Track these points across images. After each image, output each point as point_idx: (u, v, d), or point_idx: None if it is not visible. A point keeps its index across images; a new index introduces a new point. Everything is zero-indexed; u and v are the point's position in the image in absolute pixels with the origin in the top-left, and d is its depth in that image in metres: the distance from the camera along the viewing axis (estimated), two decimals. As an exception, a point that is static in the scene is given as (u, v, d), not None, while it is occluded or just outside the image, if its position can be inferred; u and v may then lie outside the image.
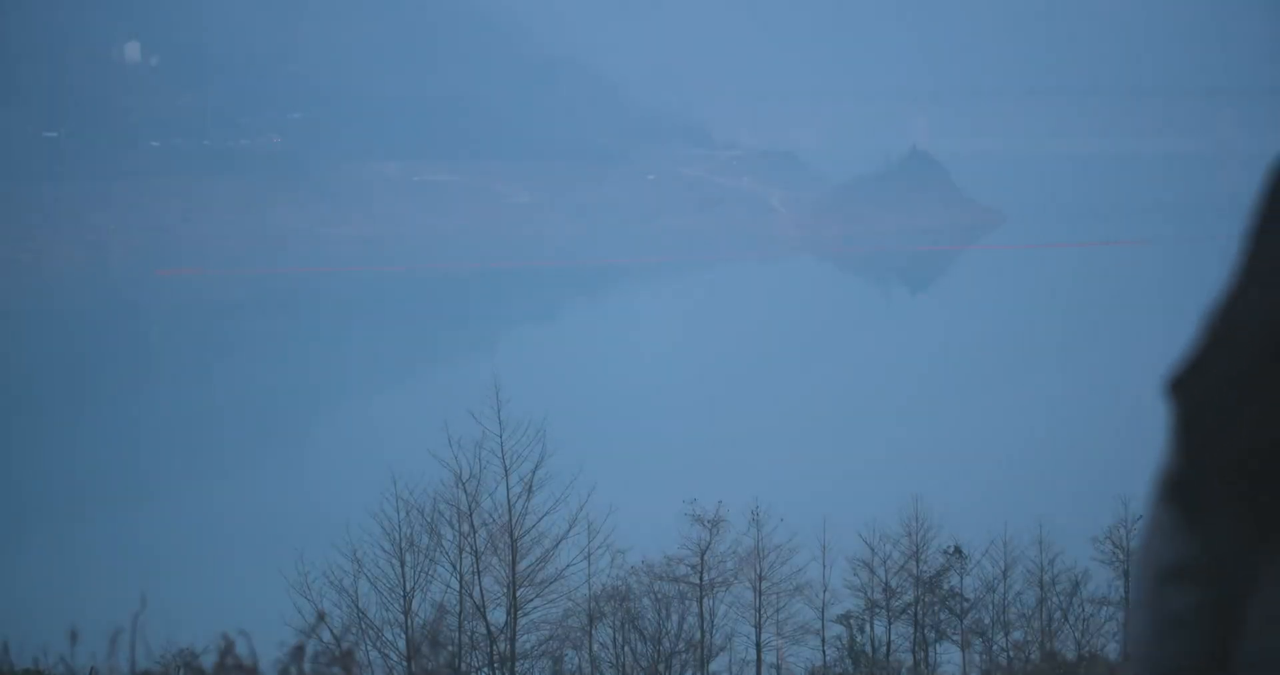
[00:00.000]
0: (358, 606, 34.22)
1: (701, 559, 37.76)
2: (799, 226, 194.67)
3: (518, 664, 35.42)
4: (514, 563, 35.36)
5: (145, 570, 56.91)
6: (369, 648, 33.69)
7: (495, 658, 35.17)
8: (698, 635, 37.01)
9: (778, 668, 37.85)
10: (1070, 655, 37.68)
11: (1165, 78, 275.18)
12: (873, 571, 39.12)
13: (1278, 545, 3.11)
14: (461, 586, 35.30)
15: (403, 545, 35.12)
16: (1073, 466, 72.89)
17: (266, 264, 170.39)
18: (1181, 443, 3.15)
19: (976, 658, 39.09)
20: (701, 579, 37.55)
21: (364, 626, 33.95)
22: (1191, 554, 3.16)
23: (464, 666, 34.83)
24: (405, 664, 32.67)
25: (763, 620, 37.97)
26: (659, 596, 37.17)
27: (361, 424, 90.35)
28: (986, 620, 39.50)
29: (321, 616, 30.62)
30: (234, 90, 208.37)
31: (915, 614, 38.94)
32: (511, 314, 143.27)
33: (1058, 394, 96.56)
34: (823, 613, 38.82)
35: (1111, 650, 36.39)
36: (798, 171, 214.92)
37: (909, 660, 38.67)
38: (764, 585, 38.19)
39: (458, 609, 35.13)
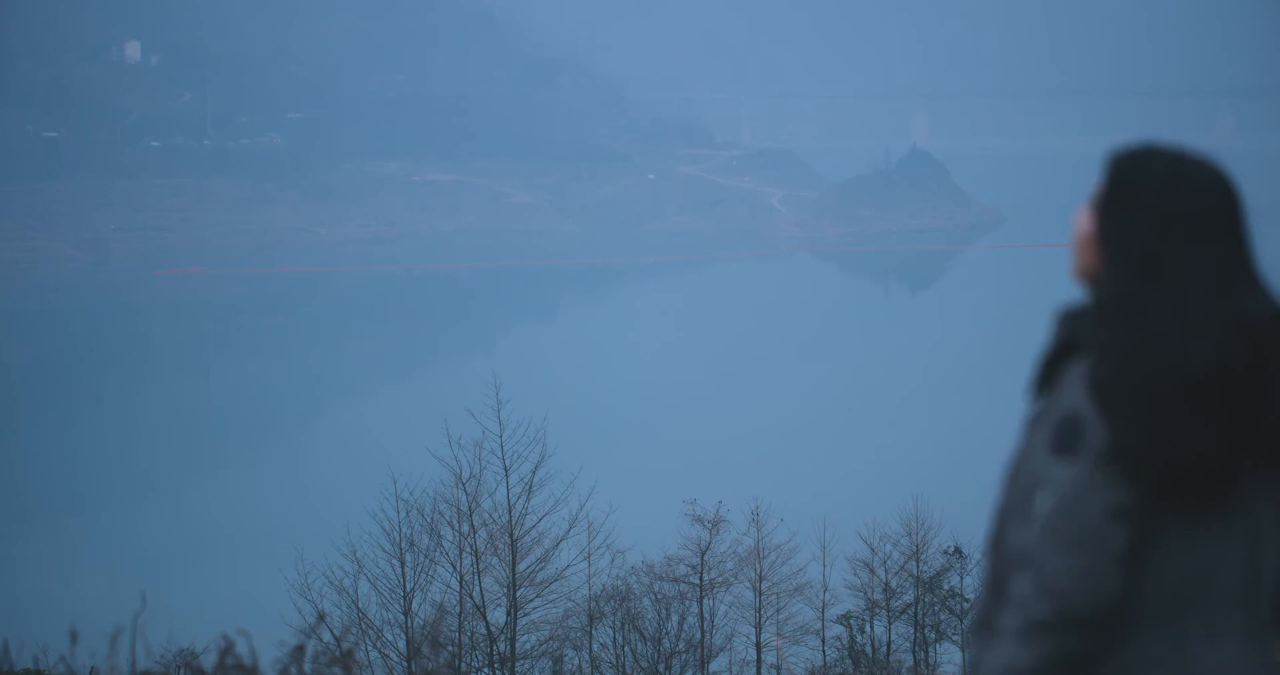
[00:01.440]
0: (358, 607, 34.18)
1: (701, 559, 37.73)
2: (799, 225, 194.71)
3: (518, 664, 35.42)
4: (514, 563, 35.34)
5: (145, 570, 56.94)
6: (369, 648, 33.67)
7: (495, 658, 35.17)
8: (698, 635, 36.99)
9: (778, 668, 37.83)
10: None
11: (1165, 78, 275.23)
12: (873, 571, 39.09)
13: (1176, 506, 4.05)
14: (461, 587, 35.28)
15: (403, 545, 35.08)
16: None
17: (266, 264, 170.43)
18: (1115, 427, 4.06)
19: (977, 658, 39.00)
20: (701, 579, 37.53)
21: (364, 627, 33.93)
22: (1130, 502, 4.04)
23: (464, 667, 34.82)
24: (405, 664, 32.66)
25: (763, 620, 37.96)
26: (659, 597, 37.14)
27: (361, 424, 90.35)
28: (987, 620, 39.41)
29: (321, 616, 30.62)
30: (234, 90, 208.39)
31: (915, 614, 38.93)
32: (511, 314, 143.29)
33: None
34: (823, 613, 38.79)
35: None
36: (798, 171, 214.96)
37: (909, 660, 38.66)
38: (764, 585, 38.17)
39: (458, 609, 35.11)
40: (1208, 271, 4.12)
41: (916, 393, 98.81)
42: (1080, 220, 4.32)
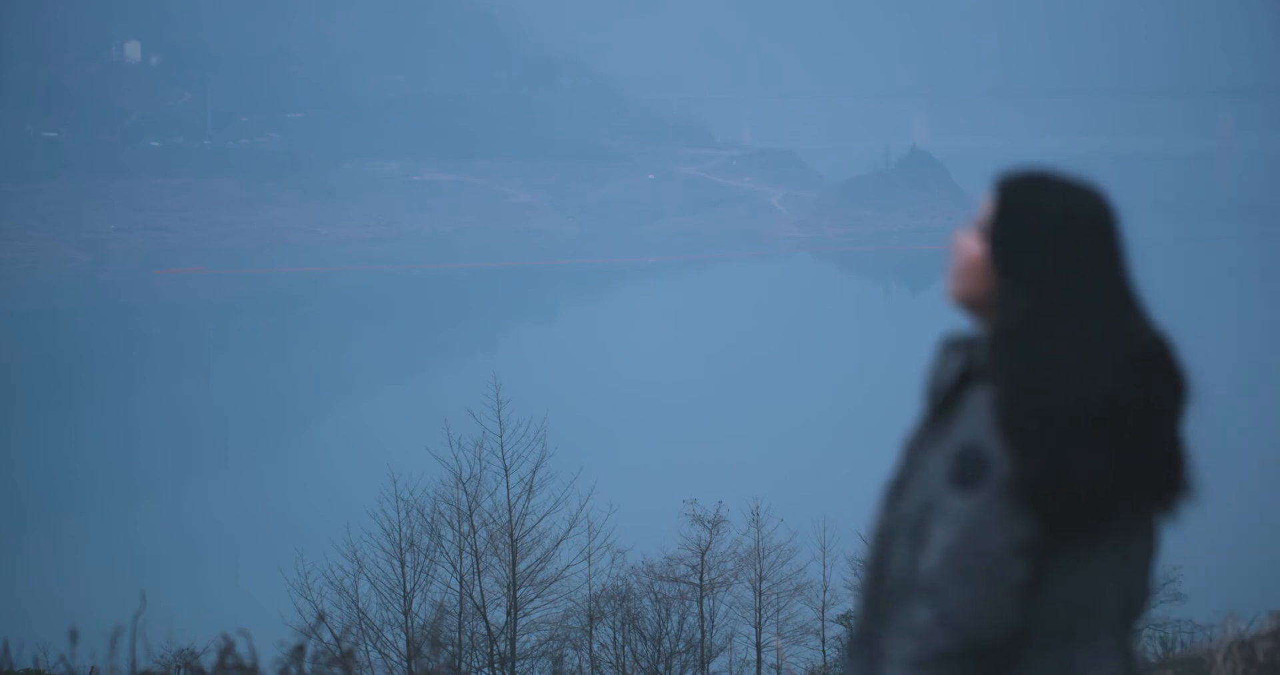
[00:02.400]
0: (358, 607, 34.14)
1: (701, 559, 37.69)
2: (799, 226, 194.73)
3: (518, 664, 35.40)
4: (514, 563, 35.31)
5: (145, 570, 56.92)
6: (369, 648, 33.64)
7: (495, 658, 35.15)
8: (698, 635, 36.95)
9: (778, 668, 37.81)
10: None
11: (1165, 78, 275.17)
12: (873, 571, 39.04)
13: (1070, 536, 4.07)
14: (462, 587, 35.24)
15: (403, 545, 35.03)
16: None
17: (266, 264, 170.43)
18: (1022, 459, 4.07)
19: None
20: (701, 579, 37.50)
21: (364, 627, 33.90)
22: (1031, 534, 4.05)
23: (464, 667, 34.80)
24: (405, 664, 32.64)
25: (763, 620, 37.93)
26: (659, 597, 37.10)
27: (361, 424, 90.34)
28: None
29: (321, 616, 30.59)
30: (234, 90, 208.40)
31: (915, 614, 38.85)
32: (511, 314, 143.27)
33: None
34: (823, 613, 38.74)
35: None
36: (798, 171, 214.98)
37: (909, 660, 38.55)
38: (764, 585, 38.14)
39: (458, 609, 35.07)
40: (1101, 298, 4.17)
41: (917, 393, 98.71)
42: (965, 245, 4.36)
